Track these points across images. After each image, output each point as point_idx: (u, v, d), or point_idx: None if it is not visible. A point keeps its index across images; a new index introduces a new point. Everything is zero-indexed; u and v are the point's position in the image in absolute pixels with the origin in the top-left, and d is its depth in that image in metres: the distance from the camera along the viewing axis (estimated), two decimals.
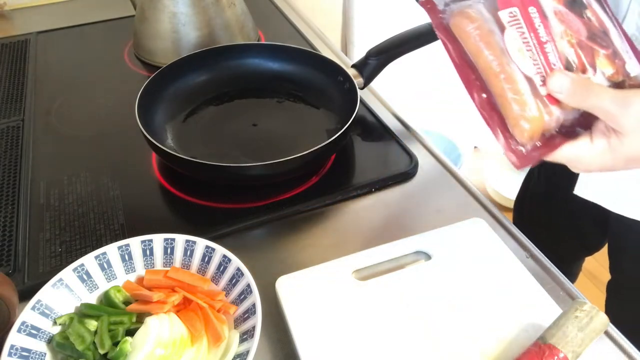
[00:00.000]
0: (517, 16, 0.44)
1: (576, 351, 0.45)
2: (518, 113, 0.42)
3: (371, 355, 0.48)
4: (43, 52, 1.03)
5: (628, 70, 0.47)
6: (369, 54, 0.79)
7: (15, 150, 0.78)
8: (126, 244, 0.55)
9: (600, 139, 0.44)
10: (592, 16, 0.47)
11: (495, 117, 0.43)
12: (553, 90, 0.43)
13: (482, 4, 0.43)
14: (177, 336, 0.48)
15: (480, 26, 0.43)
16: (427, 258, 0.58)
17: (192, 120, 0.80)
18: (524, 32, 0.44)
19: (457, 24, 0.43)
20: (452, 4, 0.44)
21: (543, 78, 0.43)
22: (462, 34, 0.43)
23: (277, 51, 0.86)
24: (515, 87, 0.42)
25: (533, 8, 0.45)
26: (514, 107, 0.42)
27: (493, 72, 0.43)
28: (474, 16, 0.43)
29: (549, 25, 0.44)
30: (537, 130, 0.43)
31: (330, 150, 0.72)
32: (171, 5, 0.91)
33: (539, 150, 0.44)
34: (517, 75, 0.42)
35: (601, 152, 0.44)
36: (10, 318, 0.50)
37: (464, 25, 0.43)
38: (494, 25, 0.43)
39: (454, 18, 0.43)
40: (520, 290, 0.54)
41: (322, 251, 0.62)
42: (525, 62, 0.43)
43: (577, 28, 0.46)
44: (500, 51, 0.43)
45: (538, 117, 0.43)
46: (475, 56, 0.43)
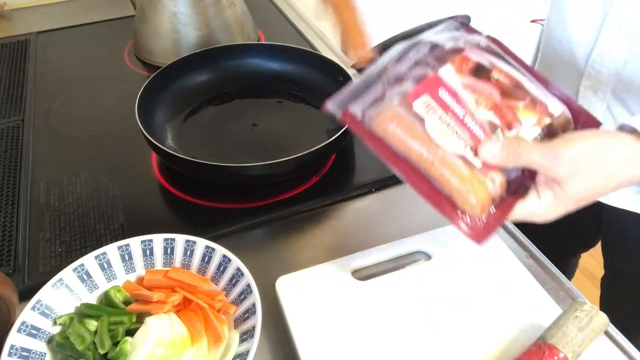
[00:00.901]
0: (430, 103, 0.45)
1: (576, 351, 0.45)
2: (463, 191, 0.43)
3: (371, 355, 0.48)
4: (43, 52, 1.03)
5: (552, 111, 0.48)
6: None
7: (15, 150, 0.78)
8: (126, 244, 0.55)
9: (545, 191, 0.46)
10: (499, 75, 0.49)
11: (443, 201, 0.44)
12: (486, 159, 0.44)
13: (397, 103, 0.45)
14: (177, 336, 0.48)
15: (400, 122, 0.44)
16: (427, 258, 0.58)
17: (192, 120, 0.80)
18: (441, 115, 0.45)
19: (379, 126, 0.45)
20: (368, 109, 0.46)
21: (474, 150, 0.45)
22: (387, 135, 0.45)
23: (277, 51, 0.86)
24: (452, 169, 0.44)
25: (442, 89, 0.46)
26: (457, 186, 0.44)
27: (427, 161, 0.44)
28: (393, 114, 0.44)
29: (461, 99, 0.46)
30: (485, 199, 0.44)
31: (330, 150, 0.72)
32: (171, 5, 0.91)
33: (495, 217, 0.45)
34: (449, 158, 0.44)
35: (550, 203, 0.46)
36: (10, 318, 0.50)
37: (386, 125, 0.44)
38: (413, 118, 0.44)
39: (374, 122, 0.45)
40: (520, 290, 0.54)
41: (322, 251, 0.62)
42: (451, 142, 0.44)
43: (488, 92, 0.47)
44: (427, 139, 0.44)
45: (482, 189, 0.44)
46: (405, 151, 0.44)
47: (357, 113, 0.46)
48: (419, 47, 0.50)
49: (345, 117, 0.46)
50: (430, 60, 0.49)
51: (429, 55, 0.49)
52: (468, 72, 0.48)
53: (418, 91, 0.46)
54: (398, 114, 0.44)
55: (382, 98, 0.46)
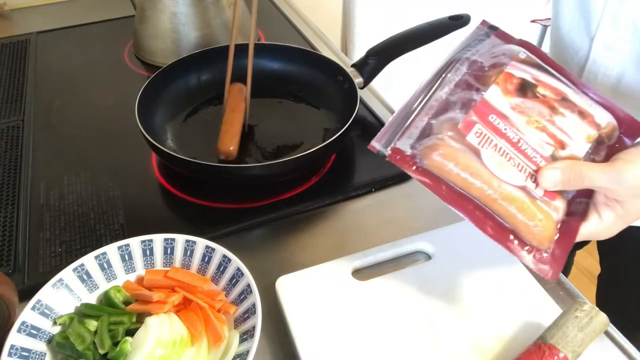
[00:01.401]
0: (484, 132, 0.43)
1: (576, 351, 0.45)
2: (529, 225, 0.42)
3: (371, 355, 0.48)
4: (43, 52, 1.03)
5: (598, 122, 0.47)
6: (369, 54, 0.79)
7: (15, 150, 0.78)
8: (126, 244, 0.55)
9: (607, 211, 0.45)
10: (545, 91, 0.47)
11: (509, 236, 0.43)
12: (547, 187, 0.43)
13: (448, 137, 0.43)
14: (177, 336, 0.48)
15: (458, 160, 0.42)
16: (427, 258, 0.58)
17: (192, 121, 0.80)
18: (497, 143, 0.43)
19: (433, 164, 0.43)
20: (417, 144, 0.43)
21: (534, 179, 0.43)
22: (442, 172, 0.43)
23: (277, 51, 0.86)
24: (517, 205, 0.42)
25: (492, 115, 0.44)
26: (524, 221, 0.42)
27: (490, 198, 0.43)
28: (448, 152, 0.42)
29: (513, 122, 0.45)
30: (552, 231, 0.43)
31: (330, 150, 0.72)
32: (171, 5, 0.91)
33: (560, 247, 0.44)
34: (512, 192, 0.42)
35: (612, 223, 0.45)
36: (10, 318, 0.50)
37: (442, 164, 0.42)
38: (468, 151, 0.43)
39: (427, 159, 0.43)
40: (520, 290, 0.54)
41: (322, 251, 0.61)
42: (511, 174, 0.43)
43: (538, 111, 0.46)
44: (487, 175, 0.42)
45: (548, 220, 0.43)
46: (466, 189, 0.43)
47: (406, 150, 0.44)
48: (456, 67, 0.48)
49: (395, 155, 0.43)
50: (471, 81, 0.46)
51: (470, 75, 0.47)
52: (514, 92, 0.46)
53: (470, 122, 0.44)
54: (453, 149, 0.42)
55: (430, 129, 0.44)
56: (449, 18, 0.80)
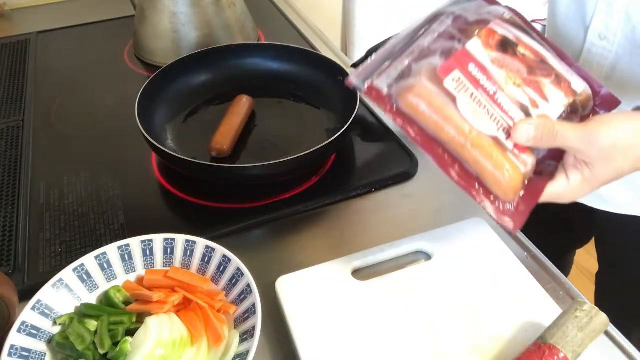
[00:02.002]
0: (461, 79, 0.44)
1: (576, 351, 0.45)
2: (496, 175, 0.42)
3: (371, 355, 0.48)
4: (43, 52, 1.03)
5: (574, 88, 0.48)
6: (369, 54, 0.79)
7: (15, 150, 0.78)
8: (126, 244, 0.55)
9: (574, 174, 0.45)
10: (525, 51, 0.48)
11: (475, 184, 0.43)
12: (520, 141, 0.43)
13: (425, 78, 0.43)
14: (177, 336, 0.48)
15: (431, 102, 0.42)
16: (427, 258, 0.58)
17: (192, 121, 0.80)
18: (473, 92, 0.44)
19: (408, 104, 0.43)
20: (394, 84, 0.44)
21: (506, 131, 0.43)
22: (416, 114, 0.43)
23: (277, 51, 0.86)
24: (485, 152, 0.42)
25: (472, 64, 0.45)
26: (490, 169, 0.43)
27: (459, 144, 0.42)
28: (423, 92, 0.42)
29: (492, 75, 0.45)
30: (518, 184, 0.44)
31: (330, 150, 0.72)
32: (171, 5, 0.91)
33: (525, 202, 0.44)
34: (483, 140, 0.42)
35: (579, 185, 0.46)
36: (10, 318, 0.50)
37: (416, 104, 0.42)
38: (444, 96, 0.43)
39: (403, 99, 0.43)
40: (520, 290, 0.54)
41: (322, 251, 0.62)
42: (484, 123, 0.43)
43: (516, 68, 0.46)
44: (460, 121, 0.42)
45: (515, 173, 0.43)
46: (437, 132, 0.43)
47: (383, 88, 0.43)
48: (442, 19, 0.48)
49: (371, 92, 0.44)
50: (455, 32, 0.47)
51: (454, 28, 0.47)
52: (495, 47, 0.46)
53: (448, 66, 0.43)
54: (429, 91, 0.42)
55: (409, 72, 0.44)
56: None
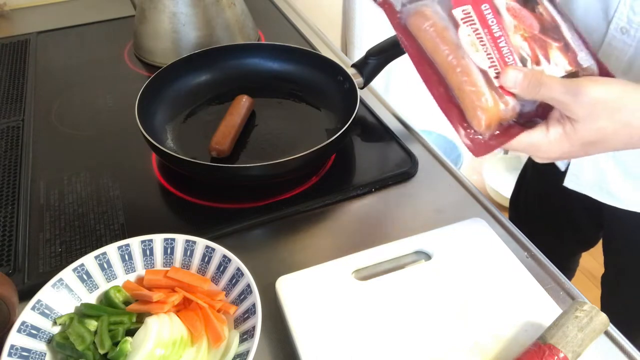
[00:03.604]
0: (471, 13, 0.45)
1: (576, 351, 0.45)
2: (475, 104, 0.44)
3: (371, 355, 0.48)
4: (43, 52, 1.03)
5: (580, 61, 0.49)
6: (369, 54, 0.79)
7: (15, 150, 0.78)
8: (126, 244, 0.55)
9: (555, 127, 0.45)
10: (543, 12, 0.49)
11: (453, 109, 0.45)
12: (506, 85, 0.44)
13: (438, 4, 0.45)
14: (177, 336, 0.48)
15: (435, 23, 0.44)
16: (427, 258, 0.58)
17: (192, 121, 0.80)
18: (478, 28, 0.45)
19: (413, 22, 0.45)
20: (408, 4, 0.46)
21: (497, 71, 0.45)
22: (418, 32, 0.45)
23: (277, 51, 0.86)
24: (471, 80, 0.44)
25: (486, 5, 0.46)
26: (471, 98, 0.44)
27: (450, 66, 0.44)
28: (429, 14, 0.44)
29: (502, 21, 0.46)
30: (493, 119, 0.44)
31: (330, 150, 0.72)
32: (171, 5, 0.91)
33: (497, 139, 0.45)
34: (472, 68, 0.44)
35: (557, 139, 0.45)
36: (10, 318, 0.50)
37: (420, 23, 0.45)
38: (448, 22, 0.44)
39: (411, 18, 0.45)
40: (520, 290, 0.54)
41: (322, 251, 0.62)
42: (479, 56, 0.44)
43: (529, 23, 0.47)
44: (456, 46, 0.44)
45: (494, 107, 0.44)
46: (432, 52, 0.45)
47: (397, 4, 0.46)
48: None
49: (384, 5, 0.46)
50: None
51: None
52: None
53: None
54: (435, 13, 0.44)
55: None
56: None
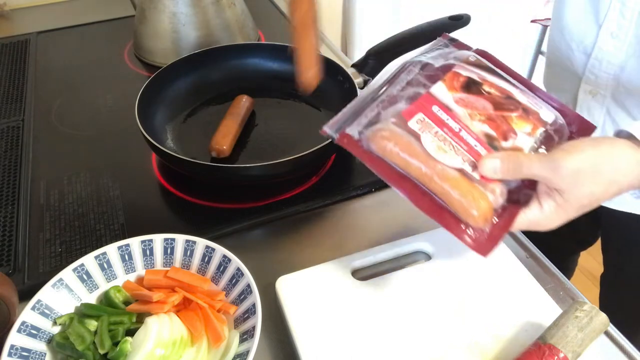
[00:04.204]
0: (425, 120, 0.46)
1: (576, 351, 0.45)
2: (464, 205, 0.44)
3: (371, 355, 0.48)
4: (43, 52, 1.03)
5: (544, 119, 0.50)
6: (369, 54, 0.79)
7: (15, 150, 0.78)
8: (126, 244, 0.55)
9: (547, 201, 0.46)
10: (490, 88, 0.50)
11: (445, 215, 0.45)
12: (487, 174, 0.45)
13: (392, 123, 0.46)
14: (177, 336, 0.48)
15: (398, 141, 0.45)
16: (427, 258, 0.58)
17: (192, 121, 0.80)
18: (437, 130, 0.46)
19: (377, 146, 0.46)
20: (364, 130, 0.47)
21: (472, 163, 0.45)
22: (385, 154, 0.46)
23: (277, 51, 0.86)
24: (452, 183, 0.44)
25: (435, 106, 0.47)
26: (459, 200, 0.44)
27: (426, 177, 0.45)
28: (389, 135, 0.45)
29: (455, 115, 0.47)
30: (487, 211, 0.44)
31: (330, 150, 0.71)
32: (171, 5, 0.91)
33: (499, 228, 0.45)
34: (449, 172, 0.44)
35: (553, 212, 0.46)
36: (10, 318, 0.50)
37: (384, 145, 0.45)
38: (409, 136, 0.45)
39: (373, 143, 0.46)
40: (520, 290, 0.54)
41: (322, 251, 0.61)
42: (449, 157, 0.45)
43: (481, 105, 0.49)
44: (425, 156, 0.45)
45: (483, 200, 0.44)
46: (405, 168, 0.45)
47: (354, 134, 0.47)
48: (410, 68, 0.51)
49: (343, 139, 0.47)
50: (421, 79, 0.50)
51: (420, 75, 0.50)
52: (460, 88, 0.49)
53: (412, 110, 0.47)
54: (395, 132, 0.45)
55: (378, 119, 0.48)
56: (449, 18, 0.80)
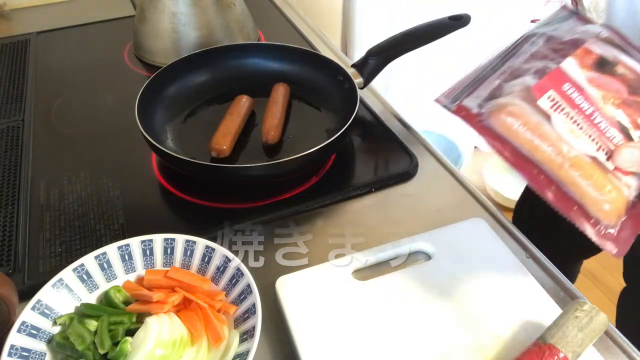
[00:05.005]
0: (556, 99, 0.42)
1: (576, 351, 0.45)
2: (598, 197, 0.40)
3: (371, 355, 0.48)
4: (43, 52, 1.03)
5: None
6: (369, 54, 0.79)
7: (15, 150, 0.78)
8: (126, 244, 0.55)
9: None
10: (625, 70, 0.45)
11: (573, 206, 0.41)
12: (624, 166, 0.41)
13: (519, 98, 0.41)
14: (177, 336, 0.48)
15: (526, 121, 0.41)
16: (427, 258, 0.58)
17: (192, 121, 0.80)
18: (569, 112, 0.42)
19: (501, 123, 0.41)
20: (485, 104, 0.42)
21: (606, 151, 0.41)
22: (510, 133, 0.41)
23: (277, 51, 0.86)
24: (585, 172, 0.40)
25: (567, 84, 0.43)
26: (591, 192, 0.40)
27: (556, 163, 0.40)
28: (517, 112, 0.41)
29: (589, 96, 0.43)
30: (621, 207, 0.41)
31: (330, 150, 0.72)
32: (171, 5, 0.91)
33: (628, 226, 0.41)
34: (583, 160, 0.40)
35: None
36: (10, 318, 0.50)
37: (509, 123, 0.41)
38: (538, 115, 0.41)
39: (495, 118, 0.41)
40: (520, 290, 0.54)
41: (322, 251, 0.61)
42: (582, 142, 0.41)
43: (615, 88, 0.44)
44: (557, 139, 0.40)
45: (617, 194, 0.41)
46: (531, 151, 0.41)
47: (473, 107, 0.43)
48: (533, 40, 0.47)
49: (460, 111, 0.43)
50: (548, 52, 0.45)
51: (545, 48, 0.46)
52: (591, 66, 0.44)
53: (543, 86, 0.42)
54: (523, 110, 0.41)
55: (500, 92, 0.43)
56: (449, 18, 0.80)
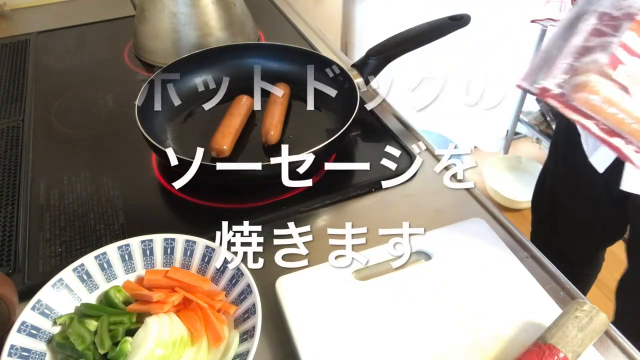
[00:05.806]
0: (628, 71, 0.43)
1: (576, 351, 0.45)
2: None
3: (371, 355, 0.48)
4: (43, 52, 1.03)
5: None
6: (369, 54, 0.79)
7: (15, 150, 0.78)
8: (126, 244, 0.55)
9: None
10: None
11: None
12: None
13: (595, 74, 0.43)
14: (177, 336, 0.48)
15: (608, 96, 0.42)
16: (427, 258, 0.58)
17: (192, 121, 0.80)
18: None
19: (585, 101, 0.43)
20: (564, 84, 0.44)
21: None
22: (594, 109, 0.43)
23: (277, 51, 0.86)
24: None
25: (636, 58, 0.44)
26: None
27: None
28: (597, 88, 0.42)
29: None
30: None
31: (330, 150, 0.71)
32: (171, 5, 0.91)
33: None
34: None
35: None
36: (10, 318, 0.50)
37: (593, 100, 0.42)
38: (618, 90, 0.42)
39: (577, 96, 0.43)
40: (520, 290, 0.54)
41: (322, 251, 0.61)
42: None
43: None
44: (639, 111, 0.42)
45: None
46: (618, 125, 0.42)
47: (553, 88, 0.45)
48: (585, 17, 0.48)
49: (544, 93, 0.45)
50: (604, 29, 0.47)
51: (600, 24, 0.47)
52: None
53: (615, 60, 0.44)
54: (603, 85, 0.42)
55: (575, 71, 0.44)
56: (449, 18, 0.80)
